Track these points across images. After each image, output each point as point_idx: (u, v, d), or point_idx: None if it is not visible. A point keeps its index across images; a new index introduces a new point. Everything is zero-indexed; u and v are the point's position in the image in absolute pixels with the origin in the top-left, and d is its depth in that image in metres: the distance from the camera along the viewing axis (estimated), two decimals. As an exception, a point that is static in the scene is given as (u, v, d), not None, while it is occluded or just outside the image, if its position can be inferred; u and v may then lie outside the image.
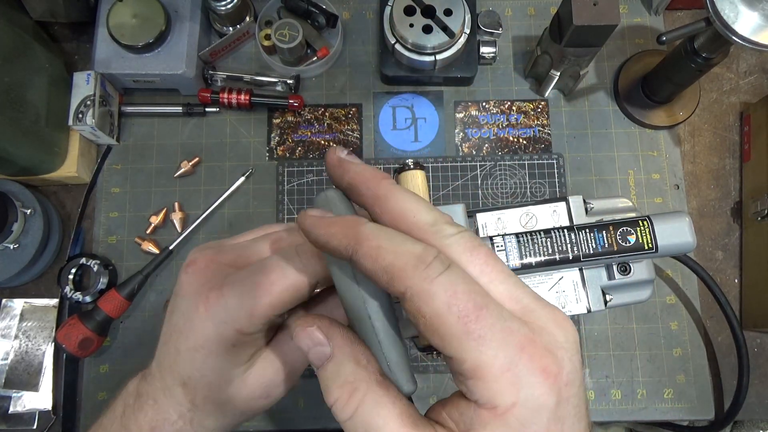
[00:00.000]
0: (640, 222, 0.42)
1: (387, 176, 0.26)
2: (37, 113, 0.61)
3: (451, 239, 0.24)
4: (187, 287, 0.31)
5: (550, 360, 0.22)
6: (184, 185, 0.70)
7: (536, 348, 0.22)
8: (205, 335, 0.30)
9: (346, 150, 0.28)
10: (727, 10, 0.52)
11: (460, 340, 0.22)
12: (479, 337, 0.21)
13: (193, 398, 0.31)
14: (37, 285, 0.67)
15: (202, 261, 0.31)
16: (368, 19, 0.75)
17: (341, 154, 0.27)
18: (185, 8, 0.68)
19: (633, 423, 0.88)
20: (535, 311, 0.23)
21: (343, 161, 0.27)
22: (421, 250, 0.23)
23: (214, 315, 0.29)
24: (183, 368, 0.31)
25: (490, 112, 0.73)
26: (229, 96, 0.69)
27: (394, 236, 0.24)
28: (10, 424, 0.64)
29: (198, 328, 0.30)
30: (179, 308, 0.31)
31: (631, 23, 0.75)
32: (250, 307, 0.29)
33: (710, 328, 0.67)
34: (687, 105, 0.71)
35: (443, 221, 0.24)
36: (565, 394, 0.22)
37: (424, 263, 0.22)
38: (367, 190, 0.26)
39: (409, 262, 0.22)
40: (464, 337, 0.21)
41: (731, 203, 0.71)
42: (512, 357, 0.21)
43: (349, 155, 0.27)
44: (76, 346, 0.60)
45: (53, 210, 0.67)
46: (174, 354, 0.31)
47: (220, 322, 0.29)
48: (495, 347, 0.21)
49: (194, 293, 0.30)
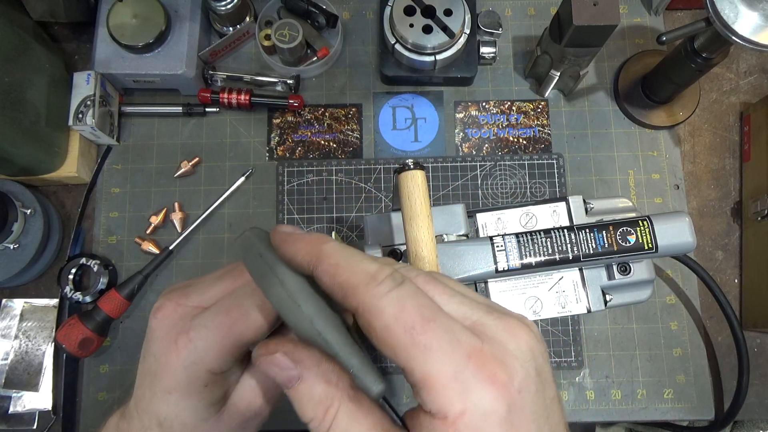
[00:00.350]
0: (640, 222, 0.42)
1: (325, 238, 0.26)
2: (37, 113, 0.61)
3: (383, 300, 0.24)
4: (157, 332, 0.32)
5: (499, 368, 0.22)
6: (184, 185, 0.70)
7: (484, 357, 0.22)
8: (177, 378, 0.30)
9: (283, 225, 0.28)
10: (727, 10, 0.52)
11: (408, 351, 0.23)
12: (425, 348, 0.22)
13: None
14: (37, 285, 0.68)
15: (169, 306, 0.32)
16: (368, 19, 0.75)
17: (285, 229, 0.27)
18: (185, 8, 0.68)
19: (633, 423, 0.88)
20: (485, 324, 0.24)
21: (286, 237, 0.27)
22: (375, 269, 0.24)
23: (184, 359, 0.30)
24: (158, 409, 0.31)
25: (490, 112, 0.73)
26: (229, 96, 0.69)
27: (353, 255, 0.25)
28: (10, 424, 0.64)
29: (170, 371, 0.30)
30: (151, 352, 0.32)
31: (631, 23, 0.75)
32: (216, 349, 0.30)
33: (710, 328, 0.67)
34: (687, 105, 0.71)
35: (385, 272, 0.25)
36: (518, 401, 0.22)
37: (375, 281, 0.24)
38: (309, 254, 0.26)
39: (362, 279, 0.24)
40: (412, 348, 0.22)
41: (731, 203, 0.71)
42: (459, 366, 0.22)
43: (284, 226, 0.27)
44: (76, 346, 0.60)
45: (53, 210, 0.67)
46: (150, 396, 0.32)
47: (190, 364, 0.30)
48: (441, 357, 0.22)
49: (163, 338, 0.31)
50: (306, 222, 0.68)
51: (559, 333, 0.66)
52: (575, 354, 0.65)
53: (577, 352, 0.65)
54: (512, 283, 0.46)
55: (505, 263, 0.41)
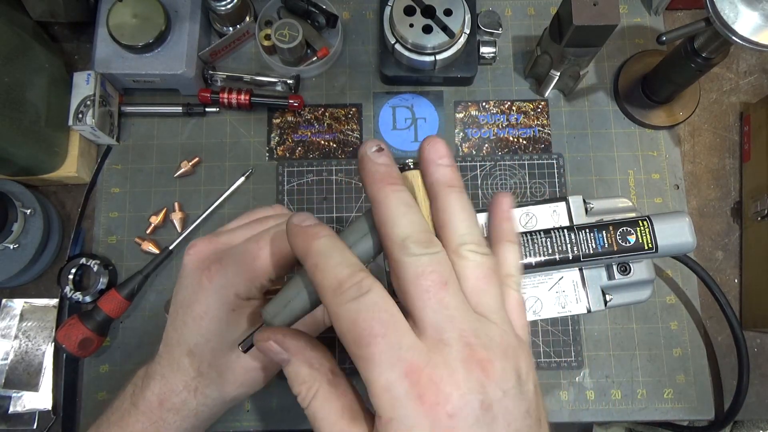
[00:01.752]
0: (640, 222, 0.42)
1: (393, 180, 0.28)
2: (37, 113, 0.61)
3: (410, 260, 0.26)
4: (190, 266, 0.37)
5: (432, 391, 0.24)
6: (184, 185, 0.70)
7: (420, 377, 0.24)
8: (208, 302, 0.35)
9: (376, 146, 0.29)
10: (727, 10, 0.52)
11: (354, 358, 0.26)
12: (366, 359, 0.25)
13: (198, 365, 0.36)
14: (37, 285, 0.67)
15: (202, 244, 0.38)
16: (368, 19, 0.75)
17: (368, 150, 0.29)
18: (185, 8, 0.68)
19: (633, 423, 0.88)
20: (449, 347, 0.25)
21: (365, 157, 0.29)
22: (345, 276, 0.26)
23: (215, 283, 0.35)
24: (190, 337, 0.36)
25: (490, 112, 0.73)
26: (229, 96, 0.69)
27: (333, 257, 0.27)
28: (10, 424, 0.64)
29: (202, 297, 0.36)
30: (184, 285, 0.37)
31: (631, 23, 0.75)
32: (246, 273, 0.35)
33: (710, 328, 0.67)
34: (687, 105, 0.71)
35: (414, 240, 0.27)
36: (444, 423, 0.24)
37: (341, 288, 0.26)
38: (370, 191, 0.29)
39: (330, 284, 0.26)
40: (356, 357, 0.26)
41: (731, 203, 0.71)
42: (393, 380, 0.24)
43: (377, 152, 0.29)
44: (76, 346, 0.60)
45: (53, 210, 0.67)
46: (181, 327, 0.36)
47: (220, 288, 0.35)
48: (380, 370, 0.25)
49: (197, 269, 0.36)
50: (306, 222, 0.68)
51: (559, 333, 0.66)
52: (575, 354, 0.65)
53: (577, 352, 0.65)
54: (512, 283, 0.46)
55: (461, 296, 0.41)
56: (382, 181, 0.28)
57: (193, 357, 0.36)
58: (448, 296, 0.26)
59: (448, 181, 0.29)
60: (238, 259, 0.35)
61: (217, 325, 0.36)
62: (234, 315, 0.36)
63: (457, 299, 0.26)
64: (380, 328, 0.25)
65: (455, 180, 0.30)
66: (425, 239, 0.27)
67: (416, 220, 0.27)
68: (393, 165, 0.29)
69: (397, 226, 0.27)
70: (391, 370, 0.25)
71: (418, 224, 0.27)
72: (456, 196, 0.29)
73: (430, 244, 0.27)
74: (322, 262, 0.27)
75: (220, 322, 0.35)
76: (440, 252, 0.27)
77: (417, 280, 0.26)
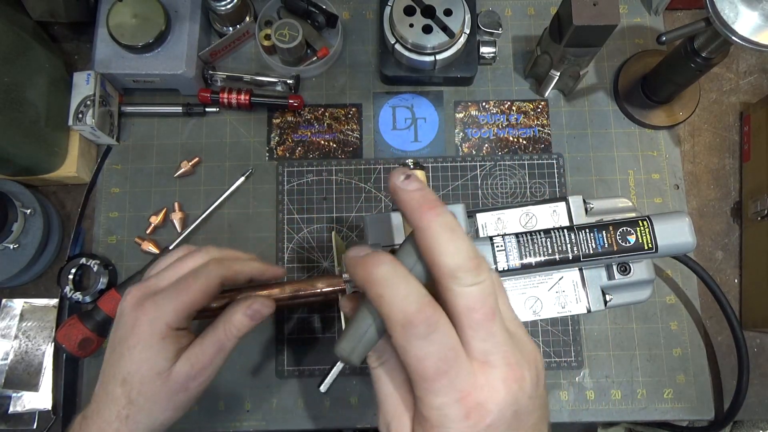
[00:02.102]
0: (640, 222, 0.42)
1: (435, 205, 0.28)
2: (37, 113, 0.61)
3: (461, 290, 0.27)
4: (127, 308, 0.42)
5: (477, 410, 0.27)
6: (184, 185, 0.70)
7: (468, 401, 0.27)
8: (141, 331, 0.41)
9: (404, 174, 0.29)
10: (727, 10, 0.52)
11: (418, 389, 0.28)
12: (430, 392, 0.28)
13: (129, 393, 0.40)
14: (37, 285, 0.67)
15: (135, 290, 0.43)
16: (368, 19, 0.75)
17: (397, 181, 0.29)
18: (185, 8, 0.68)
19: (633, 423, 0.88)
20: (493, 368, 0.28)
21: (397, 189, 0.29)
22: (414, 311, 0.27)
23: (149, 315, 0.41)
24: (123, 367, 0.41)
25: (490, 112, 0.73)
26: (229, 96, 0.69)
27: (399, 286, 0.28)
28: (10, 424, 0.64)
29: (136, 329, 0.41)
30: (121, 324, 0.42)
31: (630, 23, 0.75)
32: (176, 305, 0.41)
33: (710, 328, 0.67)
34: (687, 105, 0.71)
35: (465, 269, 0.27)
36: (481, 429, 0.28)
37: (410, 324, 0.27)
38: (411, 220, 0.29)
39: (399, 320, 0.27)
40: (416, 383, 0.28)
41: (731, 203, 0.71)
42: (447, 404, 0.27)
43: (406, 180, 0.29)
44: (76, 346, 0.60)
45: (53, 210, 0.67)
46: (118, 360, 0.41)
47: (154, 319, 0.41)
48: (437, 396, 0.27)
49: (133, 308, 0.42)
50: (306, 222, 0.68)
51: (558, 333, 0.66)
52: (575, 354, 0.65)
53: (577, 352, 0.65)
54: (512, 283, 0.46)
55: (505, 263, 0.41)
56: (420, 208, 0.28)
57: (125, 385, 0.41)
58: (495, 326, 0.28)
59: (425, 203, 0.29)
60: (170, 293, 0.41)
61: (148, 352, 0.40)
62: (164, 343, 0.41)
63: (501, 326, 0.28)
64: (445, 366, 0.27)
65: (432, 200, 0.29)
66: (473, 266, 0.27)
67: (462, 246, 0.28)
68: (426, 189, 0.29)
69: (444, 255, 0.27)
70: (447, 395, 0.27)
71: (465, 250, 0.28)
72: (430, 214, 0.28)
73: (478, 271, 0.28)
74: (388, 294, 0.28)
75: (151, 349, 0.40)
76: (487, 280, 0.28)
77: (469, 314, 0.28)
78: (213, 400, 0.64)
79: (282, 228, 0.68)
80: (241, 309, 0.44)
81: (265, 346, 0.65)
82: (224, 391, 0.64)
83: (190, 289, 0.41)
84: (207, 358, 0.43)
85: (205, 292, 0.42)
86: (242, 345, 0.65)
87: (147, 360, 0.41)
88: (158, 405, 0.41)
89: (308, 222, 0.68)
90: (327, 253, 0.67)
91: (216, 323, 0.44)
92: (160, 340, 0.41)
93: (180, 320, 0.41)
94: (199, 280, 0.42)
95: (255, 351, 0.65)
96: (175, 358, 0.42)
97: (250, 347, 0.65)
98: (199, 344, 0.43)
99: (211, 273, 0.43)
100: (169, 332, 0.41)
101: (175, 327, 0.41)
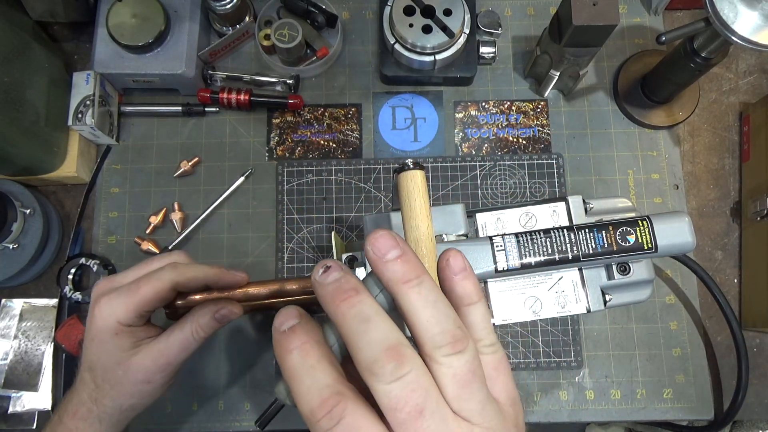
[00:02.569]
0: (640, 222, 0.42)
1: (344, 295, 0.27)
2: (37, 113, 0.61)
3: (381, 388, 0.25)
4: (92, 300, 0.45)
5: None
6: (184, 185, 0.70)
7: None
8: (96, 326, 0.44)
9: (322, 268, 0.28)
10: (727, 10, 0.52)
11: None
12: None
13: (95, 378, 0.44)
14: (37, 285, 0.67)
15: (102, 283, 0.46)
16: (368, 19, 0.75)
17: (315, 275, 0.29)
18: (185, 8, 0.68)
19: (632, 423, 0.88)
20: None
21: (314, 283, 0.29)
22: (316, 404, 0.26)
23: (102, 311, 0.44)
24: (88, 356, 0.45)
25: (490, 112, 0.73)
26: (228, 96, 0.69)
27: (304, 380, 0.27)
28: (10, 424, 0.64)
29: (93, 324, 0.44)
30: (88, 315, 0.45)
31: (630, 23, 0.75)
32: (125, 304, 0.43)
33: (710, 328, 0.67)
34: (686, 105, 0.71)
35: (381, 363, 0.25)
36: None
37: (314, 417, 0.26)
38: (328, 314, 0.28)
39: (304, 412, 0.26)
40: None
41: (731, 203, 0.71)
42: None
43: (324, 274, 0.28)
44: (75, 346, 0.60)
45: (53, 210, 0.67)
46: (86, 347, 0.45)
47: (106, 316, 0.44)
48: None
49: (94, 301, 0.45)
50: (306, 222, 0.68)
51: (558, 333, 0.66)
52: (575, 354, 0.65)
53: (577, 352, 0.65)
54: (512, 283, 0.46)
55: (505, 263, 0.41)
56: (333, 301, 0.27)
57: (91, 372, 0.44)
58: (425, 423, 0.25)
59: (401, 277, 0.28)
60: (122, 292, 0.44)
61: (103, 346, 0.44)
62: (116, 338, 0.44)
63: (435, 421, 0.26)
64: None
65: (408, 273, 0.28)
66: (393, 357, 0.25)
67: (377, 337, 0.26)
68: (342, 277, 0.28)
69: (360, 350, 0.26)
70: None
71: (379, 341, 0.26)
72: (415, 291, 0.27)
73: (399, 364, 0.25)
74: (295, 385, 0.27)
75: (106, 343, 0.44)
76: (411, 371, 0.25)
77: (393, 413, 0.25)
78: (213, 400, 0.64)
79: (282, 228, 0.68)
80: (210, 311, 0.46)
81: (265, 345, 0.65)
82: (224, 391, 0.64)
83: (140, 290, 0.44)
84: (171, 353, 0.45)
85: (156, 294, 0.44)
86: (242, 345, 0.65)
87: (105, 352, 0.44)
88: (122, 392, 0.44)
89: (308, 222, 0.68)
90: (327, 253, 0.67)
91: (183, 322, 0.46)
92: (113, 335, 0.44)
93: (130, 318, 0.44)
94: (150, 283, 0.44)
95: (254, 351, 0.65)
96: (133, 349, 0.44)
97: (250, 347, 0.65)
98: (165, 340, 0.45)
99: (163, 277, 0.44)
100: (120, 328, 0.44)
101: (127, 324, 0.44)
